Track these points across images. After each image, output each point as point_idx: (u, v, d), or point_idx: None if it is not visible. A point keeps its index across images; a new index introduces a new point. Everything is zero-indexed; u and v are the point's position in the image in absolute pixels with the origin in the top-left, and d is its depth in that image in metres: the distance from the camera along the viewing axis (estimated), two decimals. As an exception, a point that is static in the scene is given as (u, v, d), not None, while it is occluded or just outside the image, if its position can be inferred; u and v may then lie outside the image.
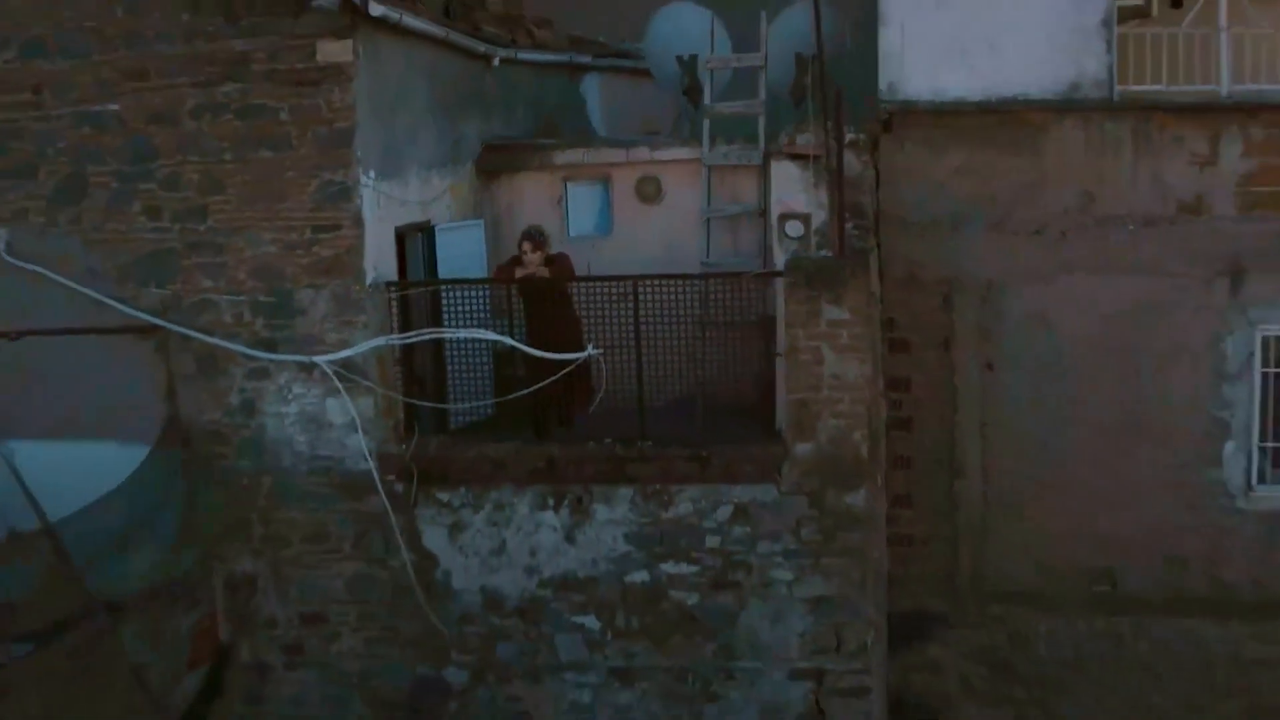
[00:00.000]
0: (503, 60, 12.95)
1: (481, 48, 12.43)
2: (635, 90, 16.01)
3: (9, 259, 10.92)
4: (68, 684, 9.69)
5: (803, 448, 10.08)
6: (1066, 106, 12.09)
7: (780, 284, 10.19)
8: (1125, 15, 12.58)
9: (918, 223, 12.32)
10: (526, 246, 10.98)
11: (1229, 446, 12.44)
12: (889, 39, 12.21)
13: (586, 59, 15.47)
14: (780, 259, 10.87)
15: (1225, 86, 12.27)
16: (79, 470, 10.26)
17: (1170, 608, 12.79)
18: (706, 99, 12.50)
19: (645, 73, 15.06)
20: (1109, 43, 12.09)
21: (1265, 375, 12.34)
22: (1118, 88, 12.16)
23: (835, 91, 10.42)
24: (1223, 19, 12.33)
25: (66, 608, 9.58)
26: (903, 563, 12.94)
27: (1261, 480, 12.50)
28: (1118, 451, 12.53)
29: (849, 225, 11.03)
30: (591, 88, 15.57)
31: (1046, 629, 12.97)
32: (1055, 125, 12.13)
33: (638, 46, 15.15)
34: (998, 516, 12.80)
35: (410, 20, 10.71)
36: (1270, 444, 12.45)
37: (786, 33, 13.31)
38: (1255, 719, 12.99)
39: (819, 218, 11.19)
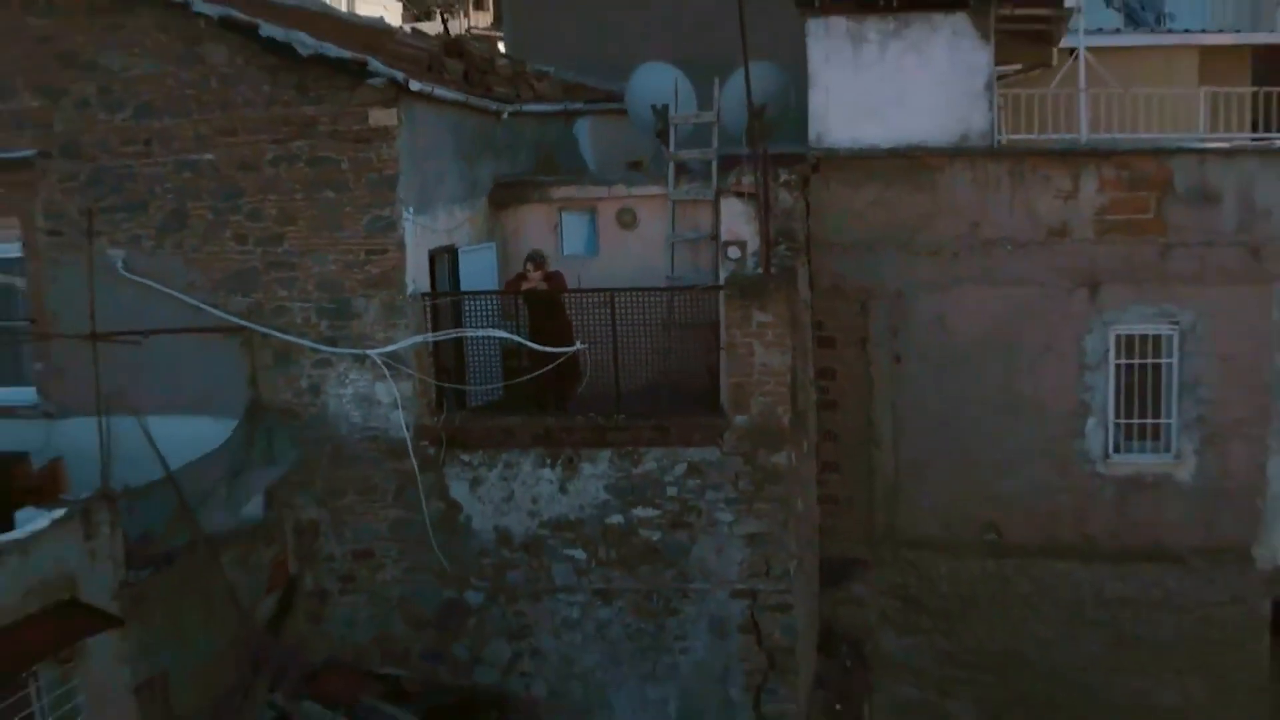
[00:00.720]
0: (510, 113, 16.07)
1: (493, 106, 15.56)
2: (620, 129, 18.98)
3: (126, 274, 14.04)
4: (182, 598, 12.79)
5: (739, 419, 13.20)
6: (957, 152, 15.23)
7: (722, 295, 13.31)
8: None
9: (840, 244, 15.46)
10: (530, 266, 14.14)
11: (1090, 422, 15.60)
12: (816, 99, 15.37)
13: (579, 105, 18.57)
14: (723, 276, 14.00)
15: (1084, 135, 15.42)
16: (185, 438, 13.37)
17: (1045, 553, 15.92)
18: (671, 147, 15.61)
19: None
20: (991, 102, 15.23)
21: (1118, 366, 15.51)
22: (998, 137, 15.31)
23: (763, 147, 13.54)
24: (1082, 81, 15.48)
25: (183, 539, 12.69)
26: (832, 517, 16.08)
27: (1116, 450, 15.66)
28: (1002, 427, 15.69)
29: (782, 247, 14.20)
30: (583, 128, 18.64)
31: (947, 570, 16.10)
32: (948, 167, 15.27)
33: (622, 86, 18.18)
34: (906, 480, 15.94)
35: (440, 91, 13.87)
36: (1123, 420, 15.58)
37: (744, 85, 16.41)
38: (1117, 645, 16.11)
39: (756, 243, 14.28)
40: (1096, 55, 18.07)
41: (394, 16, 57.81)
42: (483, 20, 65.44)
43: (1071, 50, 18.14)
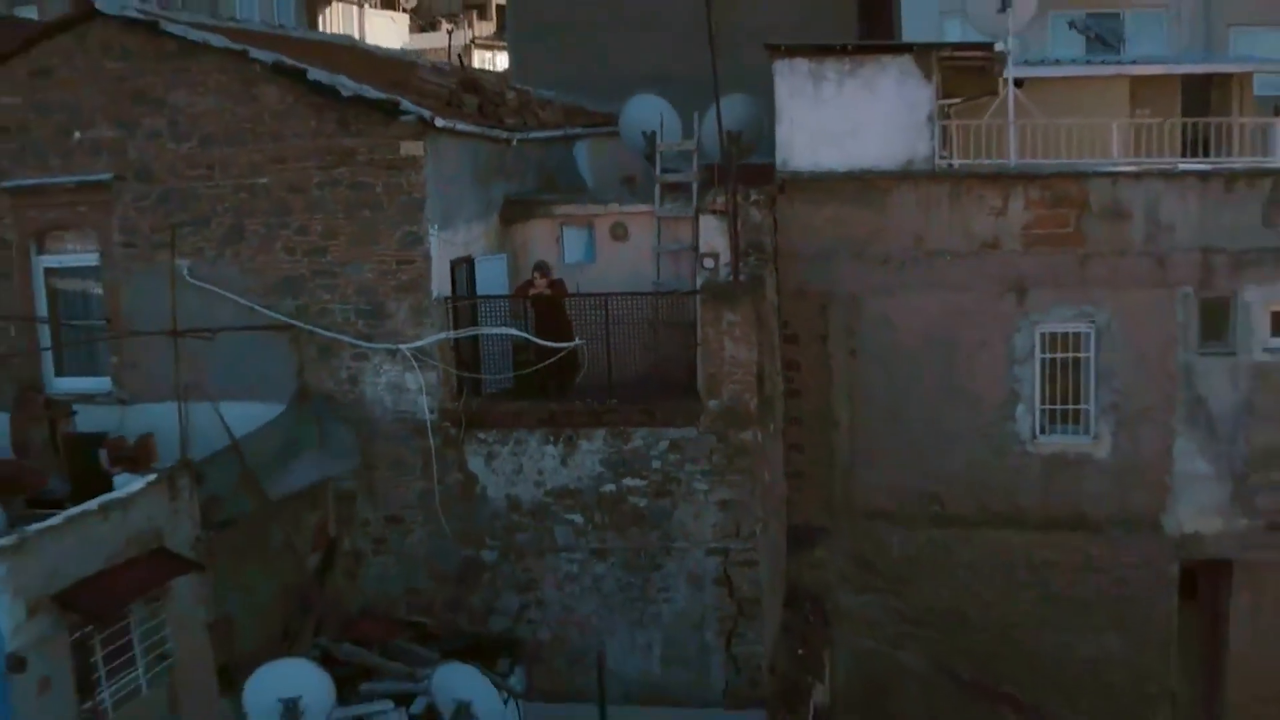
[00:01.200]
0: (518, 140, 18.50)
1: (504, 135, 18.01)
2: (615, 149, 21.39)
3: (190, 280, 16.46)
4: (245, 552, 15.23)
5: (713, 404, 15.63)
6: (903, 176, 17.67)
7: (698, 299, 15.75)
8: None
9: (803, 255, 17.88)
10: (536, 274, 16.59)
11: (1020, 409, 18.03)
12: (782, 129, 17.81)
13: (578, 130, 21.01)
14: (700, 282, 16.45)
15: (1013, 160, 17.84)
16: (243, 420, 15.78)
17: (982, 523, 18.32)
18: (658, 171, 18.04)
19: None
20: (932, 131, 17.67)
21: (1043, 360, 17.94)
22: (939, 162, 17.74)
23: (733, 175, 15.98)
24: (1011, 115, 17.91)
25: (246, 504, 15.12)
26: (796, 491, 18.50)
27: (1042, 432, 18.09)
28: (943, 413, 18.11)
29: (751, 258, 16.66)
30: (581, 150, 21.06)
31: (897, 538, 18.51)
32: (896, 188, 17.71)
33: (616, 108, 20.55)
34: (861, 459, 18.37)
35: (460, 125, 16.31)
36: (1047, 406, 18.01)
37: (725, 114, 18.83)
38: (1044, 603, 18.49)
39: (729, 254, 16.72)
40: (1039, 84, 20.55)
41: (401, 27, 60.31)
42: (485, 29, 67.87)
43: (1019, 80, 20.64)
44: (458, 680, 13.53)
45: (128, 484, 13.59)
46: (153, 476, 13.76)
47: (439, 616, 16.48)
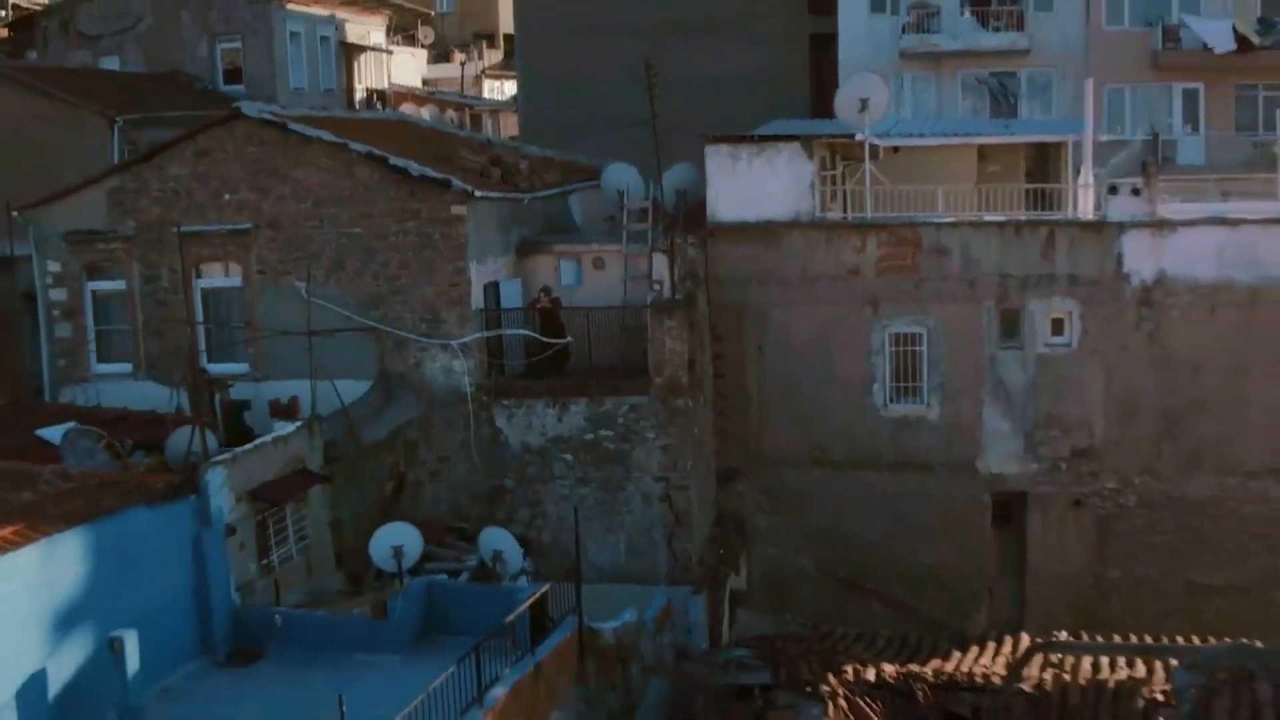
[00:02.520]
0: (529, 199, 26.42)
1: (519, 196, 25.95)
2: (599, 199, 29.26)
3: (307, 297, 24.32)
4: (349, 478, 23.08)
5: (658, 380, 23.52)
6: (793, 224, 25.55)
7: (649, 311, 23.67)
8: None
9: (726, 280, 25.76)
10: (541, 293, 24.57)
11: (876, 386, 25.91)
12: (710, 192, 25.74)
13: (572, 186, 28.91)
14: (650, 300, 24.39)
15: (869, 214, 25.75)
16: (346, 392, 23.65)
17: (851, 466, 26.15)
18: (624, 221, 25.92)
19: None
20: (814, 193, 25.57)
21: (891, 352, 25.82)
22: (818, 214, 25.64)
23: (671, 224, 23.93)
24: (868, 182, 25.83)
25: (351, 445, 22.99)
26: (723, 444, 26.36)
27: (892, 401, 25.95)
28: (823, 389, 25.97)
29: (687, 283, 24.58)
30: (575, 201, 28.93)
31: (793, 477, 26.36)
32: (788, 233, 25.60)
33: (605, 160, 28.32)
34: (766, 421, 26.25)
35: (490, 194, 24.30)
36: (895, 384, 25.87)
37: (675, 177, 26.80)
38: (897, 522, 26.29)
39: (670, 281, 24.62)
40: (904, 152, 28.45)
41: (420, 61, 67.75)
42: (494, 57, 75.45)
43: (895, 149, 28.58)
44: (495, 538, 21.39)
45: (285, 428, 21.55)
46: (300, 423, 21.72)
47: (474, 525, 24.38)
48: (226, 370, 24.94)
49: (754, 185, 25.58)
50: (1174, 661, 19.19)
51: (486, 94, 70.14)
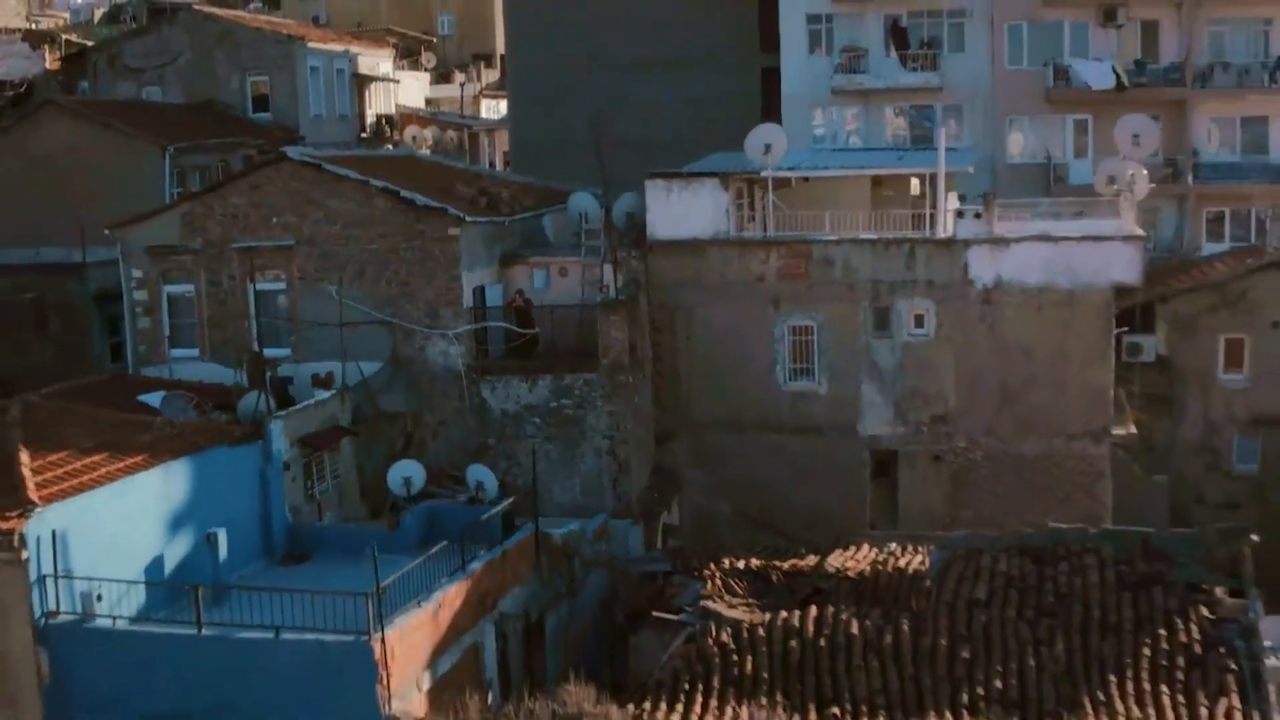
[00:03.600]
0: (509, 221, 33.79)
1: (502, 219, 33.30)
2: (566, 219, 36.59)
3: (336, 298, 31.63)
4: (369, 437, 30.40)
5: (605, 361, 30.86)
6: (713, 241, 32.90)
7: (599, 309, 31.02)
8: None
9: (661, 285, 33.09)
10: (517, 295, 31.94)
11: (778, 367, 33.24)
12: (649, 216, 33.08)
13: (544, 210, 36.24)
14: (599, 300, 31.75)
15: (772, 233, 33.09)
16: (366, 369, 31.01)
17: (760, 429, 33.40)
18: (583, 239, 33.26)
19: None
20: (728, 215, 32.89)
21: (789, 340, 33.15)
22: (732, 234, 32.98)
23: (620, 240, 31.31)
24: (770, 208, 33.15)
25: (370, 411, 30.33)
26: (660, 413, 33.67)
27: (790, 380, 33.25)
28: (737, 369, 33.23)
29: (630, 286, 31.96)
30: (547, 221, 36.22)
31: (715, 439, 33.62)
32: (709, 248, 32.93)
33: (575, 185, 35.75)
34: (694, 395, 33.57)
35: (480, 219, 31.69)
36: (793, 365, 33.16)
37: (625, 203, 34.18)
38: (797, 475, 33.55)
39: (615, 285, 31.95)
40: (812, 181, 35.77)
41: (423, 83, 74.89)
42: (491, 76, 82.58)
43: (805, 178, 35.88)
44: (478, 473, 28.67)
45: (322, 395, 28.92)
46: (333, 392, 29.10)
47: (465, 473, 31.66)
48: (275, 354, 32.26)
49: (683, 211, 32.89)
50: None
51: (485, 112, 76.87)
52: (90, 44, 59.61)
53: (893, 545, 26.98)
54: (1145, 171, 34.03)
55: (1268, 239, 44.98)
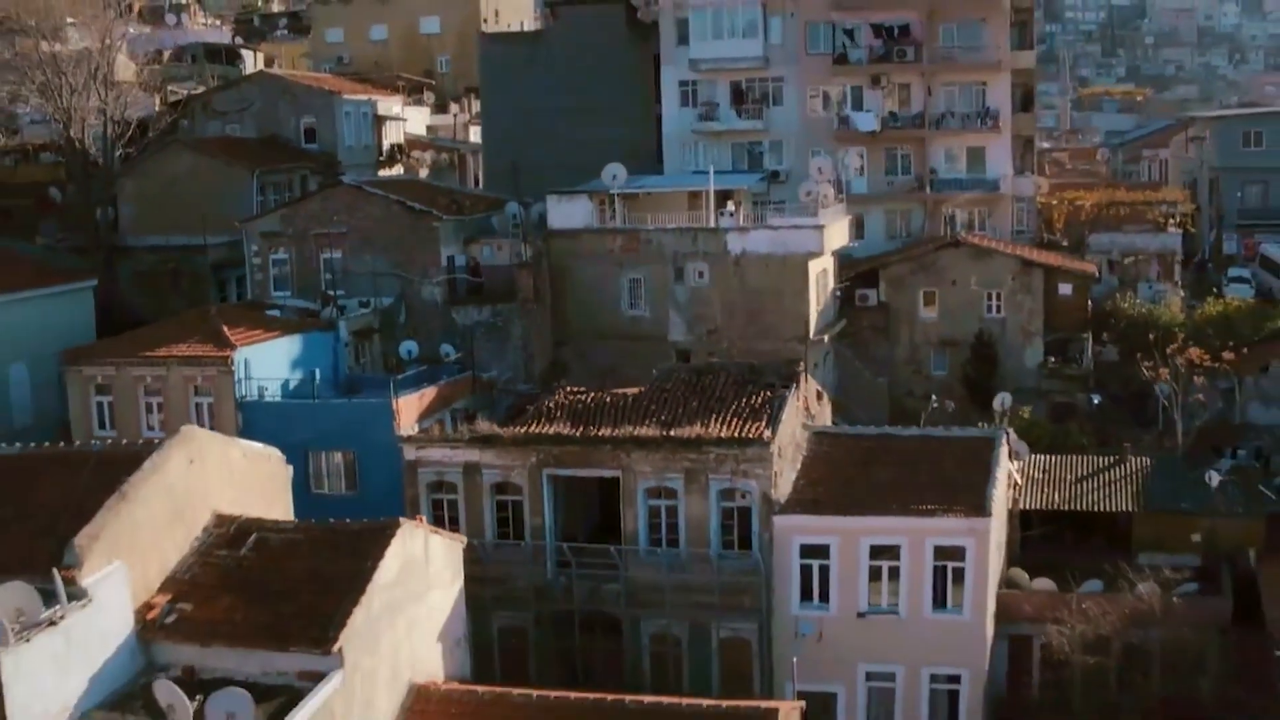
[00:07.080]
0: (470, 218, 58.60)
1: (466, 218, 58.16)
2: (504, 217, 60.98)
3: (370, 262, 56.36)
4: (392, 335, 55.14)
5: (520, 296, 55.63)
6: (584, 230, 57.68)
7: (516, 267, 55.87)
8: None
9: (556, 254, 57.85)
10: (473, 260, 56.84)
11: (622, 301, 57.99)
12: (550, 215, 57.93)
13: (492, 213, 60.94)
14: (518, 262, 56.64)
15: (619, 225, 57.90)
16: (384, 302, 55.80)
17: (614, 338, 58.03)
18: (511, 229, 58.03)
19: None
20: (594, 217, 57.63)
21: (629, 286, 57.85)
22: (596, 226, 57.75)
23: (533, 229, 56.26)
24: (619, 213, 57.95)
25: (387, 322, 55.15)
26: (556, 329, 58.40)
27: (629, 309, 58.02)
28: (601, 304, 58.10)
29: (537, 257, 56.94)
30: (495, 218, 60.75)
31: (587, 344, 58.26)
32: (584, 234, 57.67)
33: (508, 200, 60.48)
34: (577, 319, 58.25)
35: (451, 217, 56.78)
36: (629, 300, 57.90)
37: (539, 208, 58.93)
38: (634, 365, 58.15)
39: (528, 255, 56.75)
40: (655, 194, 60.53)
41: (425, 113, 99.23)
42: (478, 107, 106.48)
43: (649, 192, 60.52)
44: (446, 349, 53.43)
45: (363, 312, 53.87)
46: (368, 311, 54.02)
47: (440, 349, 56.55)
48: (336, 294, 57.01)
49: (568, 213, 57.63)
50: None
51: (473, 136, 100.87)
52: (189, 94, 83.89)
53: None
54: (831, 190, 58.81)
55: (961, 230, 69.77)
